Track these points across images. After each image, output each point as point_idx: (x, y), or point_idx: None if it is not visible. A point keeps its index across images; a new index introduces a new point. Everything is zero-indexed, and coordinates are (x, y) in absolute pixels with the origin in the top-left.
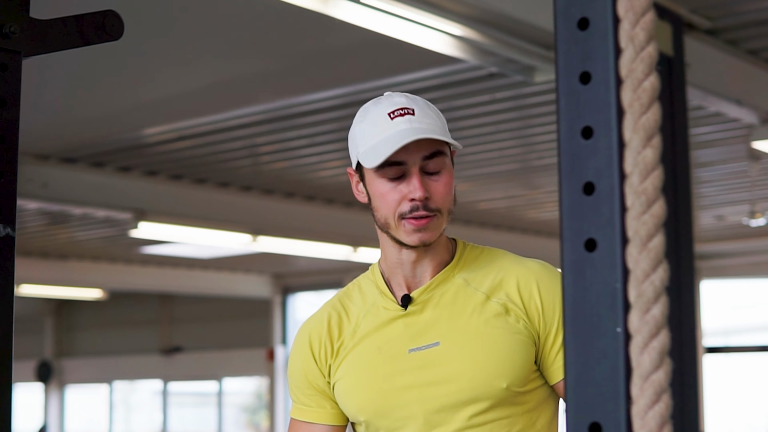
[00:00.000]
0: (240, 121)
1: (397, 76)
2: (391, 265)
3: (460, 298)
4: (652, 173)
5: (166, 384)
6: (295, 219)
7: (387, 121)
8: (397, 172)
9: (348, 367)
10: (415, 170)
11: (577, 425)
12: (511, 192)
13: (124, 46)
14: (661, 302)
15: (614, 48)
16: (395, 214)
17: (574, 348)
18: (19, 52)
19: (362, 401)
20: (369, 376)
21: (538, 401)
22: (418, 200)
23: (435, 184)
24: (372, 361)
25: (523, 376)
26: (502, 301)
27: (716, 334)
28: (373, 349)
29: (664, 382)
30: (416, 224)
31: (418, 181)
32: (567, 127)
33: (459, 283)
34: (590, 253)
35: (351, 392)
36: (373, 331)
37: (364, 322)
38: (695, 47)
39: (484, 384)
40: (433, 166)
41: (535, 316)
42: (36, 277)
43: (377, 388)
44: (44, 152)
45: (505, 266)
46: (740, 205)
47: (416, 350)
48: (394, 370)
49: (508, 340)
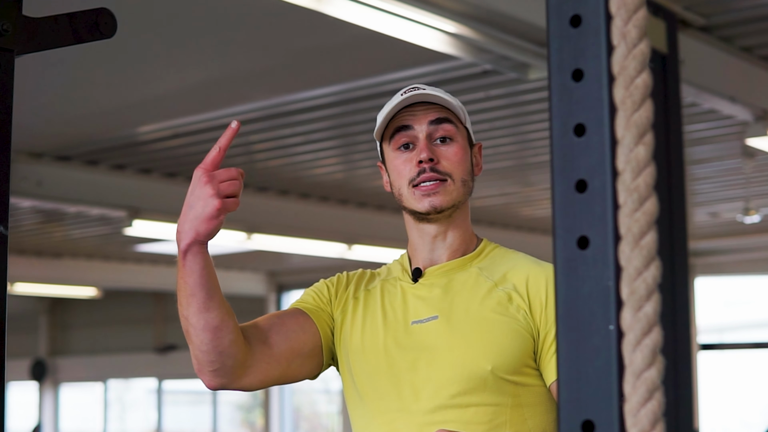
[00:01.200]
0: (234, 119)
1: (391, 74)
2: (413, 246)
3: (470, 284)
4: (645, 170)
5: (160, 382)
6: (289, 216)
7: (398, 97)
8: (407, 139)
9: (356, 320)
10: (422, 136)
11: (570, 423)
12: (506, 189)
13: (117, 44)
14: (654, 300)
15: (606, 45)
16: (408, 183)
17: (566, 346)
18: (12, 50)
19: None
20: (368, 339)
21: (533, 400)
22: (425, 162)
23: (444, 150)
24: (374, 325)
25: (512, 363)
26: (507, 290)
27: (710, 331)
28: (378, 314)
29: (656, 379)
30: (425, 189)
31: (424, 143)
32: (559, 124)
33: (473, 272)
34: (583, 251)
35: (361, 347)
36: (382, 298)
37: (377, 288)
38: (689, 44)
39: (469, 363)
40: (442, 133)
41: (537, 311)
42: (30, 275)
43: (381, 352)
44: (38, 150)
45: (521, 262)
46: (734, 202)
47: (417, 323)
48: (396, 339)
49: (502, 326)
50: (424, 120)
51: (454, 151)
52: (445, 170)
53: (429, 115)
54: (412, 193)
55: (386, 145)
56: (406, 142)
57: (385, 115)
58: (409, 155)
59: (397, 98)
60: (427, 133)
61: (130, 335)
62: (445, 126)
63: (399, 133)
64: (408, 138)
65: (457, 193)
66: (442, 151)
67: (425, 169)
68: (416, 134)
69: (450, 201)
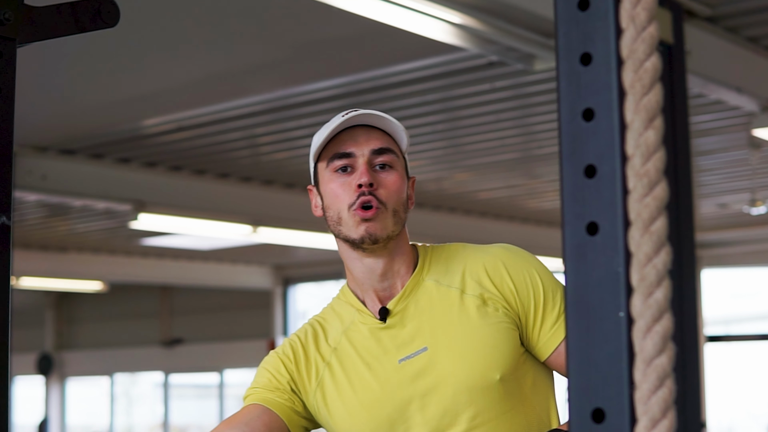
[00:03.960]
0: (239, 112)
1: (396, 65)
2: (359, 280)
3: (436, 300)
4: (654, 155)
5: (167, 376)
6: (295, 209)
7: (338, 118)
8: (346, 164)
9: (335, 390)
10: (362, 161)
11: (580, 411)
12: (512, 181)
13: (122, 37)
14: (664, 286)
15: (615, 28)
16: (346, 206)
17: (576, 333)
18: (14, 39)
19: (362, 420)
20: (364, 395)
21: (531, 384)
22: (365, 186)
23: (384, 177)
24: (363, 379)
25: (514, 363)
26: (477, 292)
27: (717, 322)
28: (361, 367)
29: (667, 366)
30: (362, 214)
31: (365, 167)
32: (568, 109)
33: (430, 285)
34: (592, 237)
35: (347, 415)
36: (356, 349)
37: (345, 341)
38: (695, 35)
39: (478, 380)
40: (382, 160)
41: (511, 299)
42: (36, 269)
43: (377, 406)
44: (43, 144)
45: (469, 257)
46: (741, 193)
47: (406, 359)
48: (390, 385)
49: (492, 332)
50: (366, 146)
51: (392, 180)
52: (381, 198)
53: (371, 142)
54: (351, 217)
55: (322, 167)
56: (345, 165)
57: (326, 136)
58: (348, 179)
59: (338, 119)
60: (368, 158)
61: (136, 329)
62: (387, 156)
63: (339, 160)
64: (347, 162)
65: (391, 222)
66: (381, 178)
67: (364, 192)
68: (356, 159)
69: (385, 231)
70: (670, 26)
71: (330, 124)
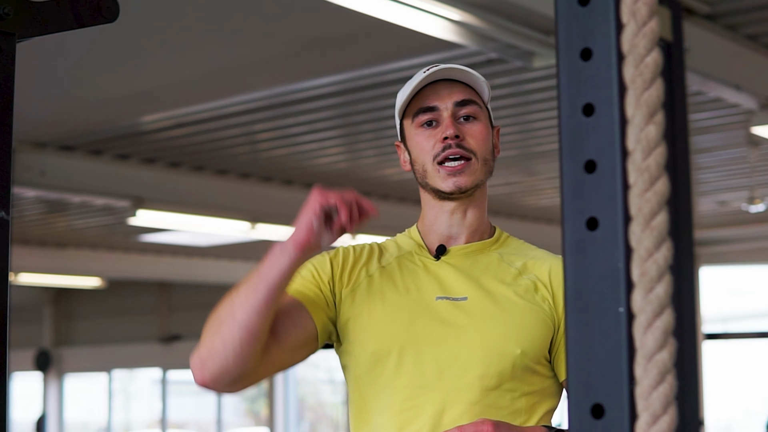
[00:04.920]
0: (238, 108)
1: (396, 62)
2: (428, 224)
3: (493, 268)
4: (655, 150)
5: (165, 372)
6: (293, 206)
7: (420, 74)
8: (431, 118)
9: (366, 297)
10: (447, 114)
11: (580, 407)
12: (510, 179)
13: (121, 33)
14: (665, 281)
15: (615, 23)
16: (432, 159)
17: (575, 328)
18: (14, 34)
19: (380, 332)
20: (393, 311)
21: (543, 389)
22: (450, 138)
23: (469, 128)
24: (397, 299)
25: (538, 350)
26: (533, 279)
27: (715, 320)
28: (401, 288)
29: (668, 362)
30: (451, 169)
31: (449, 121)
32: (568, 104)
33: (494, 257)
34: (592, 232)
35: (367, 324)
36: (402, 274)
37: (394, 264)
38: (694, 32)
39: (500, 345)
40: (466, 112)
41: (560, 304)
42: (34, 265)
43: (399, 324)
44: (42, 140)
45: (539, 254)
46: (740, 191)
47: (444, 299)
48: (419, 313)
49: (531, 312)
50: (449, 99)
51: (478, 130)
52: (470, 147)
53: (453, 95)
54: (436, 171)
55: (408, 123)
56: (430, 120)
57: (409, 93)
58: (433, 132)
59: (420, 75)
60: (452, 111)
61: (134, 325)
62: (470, 107)
63: (424, 114)
64: (432, 116)
65: (481, 172)
66: (467, 129)
67: (450, 145)
68: (440, 113)
69: (474, 180)
70: (669, 24)
71: (413, 81)
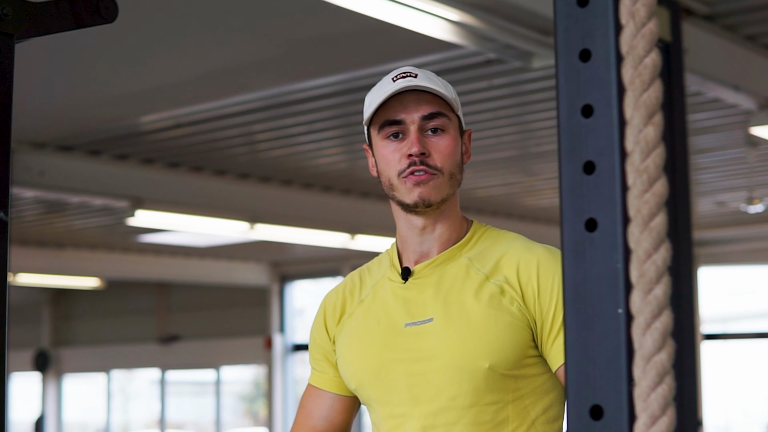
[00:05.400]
0: (237, 109)
1: (394, 63)
2: (402, 238)
3: (461, 278)
4: (654, 151)
5: (163, 373)
6: (292, 206)
7: (389, 83)
8: (397, 131)
9: (349, 334)
10: (413, 128)
11: (578, 408)
12: (509, 179)
13: (120, 34)
14: (664, 282)
15: (614, 25)
16: (397, 173)
17: (574, 329)
18: (12, 35)
19: (356, 369)
20: (366, 345)
21: (535, 389)
22: (415, 155)
23: (435, 143)
24: (371, 331)
25: (511, 358)
26: (499, 282)
27: (714, 320)
28: (373, 320)
29: (667, 363)
30: (414, 179)
31: (415, 137)
32: (567, 105)
33: (463, 263)
34: (591, 233)
35: (348, 359)
36: (376, 302)
37: (371, 295)
38: (693, 33)
39: (466, 363)
40: (434, 125)
41: (530, 300)
42: (33, 266)
43: (371, 358)
44: (41, 140)
45: (510, 249)
46: (738, 191)
47: (411, 325)
48: (389, 343)
49: (497, 321)
50: (415, 112)
51: (445, 144)
52: (435, 164)
53: (420, 109)
54: (402, 183)
55: (374, 132)
56: (396, 132)
57: (375, 105)
58: (398, 145)
59: (387, 84)
60: (419, 125)
61: (133, 326)
62: (438, 120)
63: (390, 126)
64: (398, 129)
65: (447, 186)
66: (433, 143)
67: (415, 161)
68: (407, 126)
69: (440, 196)
70: (668, 24)
71: (379, 88)
